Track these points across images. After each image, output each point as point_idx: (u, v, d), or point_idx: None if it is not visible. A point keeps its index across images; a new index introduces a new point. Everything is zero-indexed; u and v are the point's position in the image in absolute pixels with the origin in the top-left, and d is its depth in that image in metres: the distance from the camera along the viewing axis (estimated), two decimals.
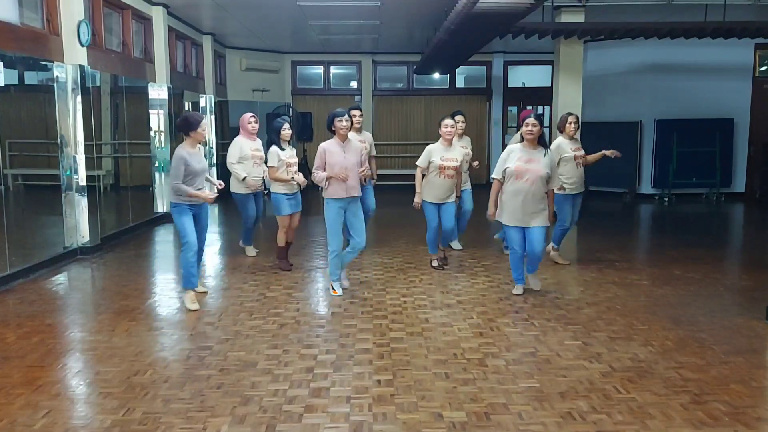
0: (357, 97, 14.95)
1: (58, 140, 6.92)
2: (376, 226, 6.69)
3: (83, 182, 7.12)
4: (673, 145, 12.01)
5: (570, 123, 6.28)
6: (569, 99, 9.94)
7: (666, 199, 12.14)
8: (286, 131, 6.16)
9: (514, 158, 5.25)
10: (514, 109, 15.24)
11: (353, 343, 4.32)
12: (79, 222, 7.16)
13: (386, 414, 3.27)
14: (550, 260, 6.63)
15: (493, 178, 5.43)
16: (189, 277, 5.16)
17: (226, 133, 13.58)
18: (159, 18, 9.58)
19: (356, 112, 6.62)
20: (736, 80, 12.22)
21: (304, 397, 3.46)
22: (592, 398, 3.44)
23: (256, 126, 6.74)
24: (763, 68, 12.46)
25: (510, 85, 15.09)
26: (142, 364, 3.95)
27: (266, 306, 5.21)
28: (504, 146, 14.80)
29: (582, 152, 6.38)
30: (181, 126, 5.14)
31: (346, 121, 5.30)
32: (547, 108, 14.01)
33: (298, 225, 6.53)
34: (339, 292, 5.53)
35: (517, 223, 5.30)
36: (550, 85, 12.98)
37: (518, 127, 6.02)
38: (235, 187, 6.76)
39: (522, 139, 5.39)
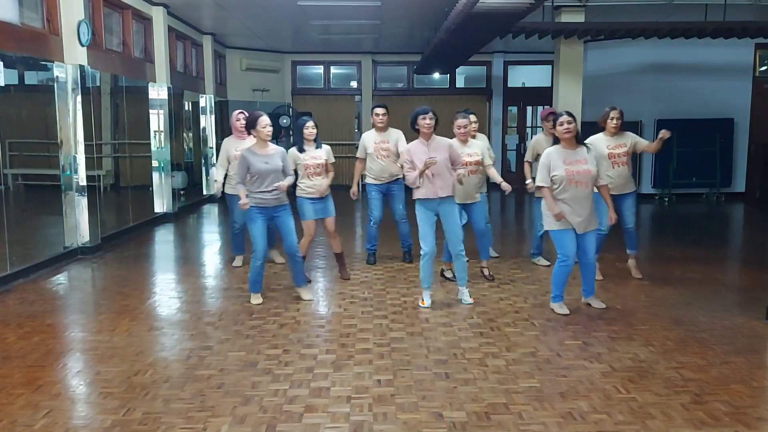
0: (357, 97, 14.97)
1: (58, 140, 6.92)
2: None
3: (83, 182, 7.12)
4: (673, 145, 11.99)
5: (612, 119, 5.69)
6: (569, 99, 9.93)
7: (666, 199, 12.14)
8: (308, 130, 5.72)
9: (559, 162, 4.76)
10: (514, 109, 15.25)
11: (353, 343, 4.32)
12: (79, 222, 7.16)
13: (386, 414, 3.27)
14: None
15: (539, 186, 4.90)
16: (253, 283, 5.30)
17: (227, 133, 13.53)
18: (159, 18, 9.58)
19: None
20: (736, 80, 12.22)
21: (305, 397, 3.46)
22: (593, 398, 3.43)
23: (245, 123, 6.18)
24: (763, 68, 12.46)
25: (510, 85, 15.08)
26: (143, 364, 3.95)
27: (266, 306, 5.20)
28: (504, 146, 14.94)
29: (622, 150, 5.76)
30: (247, 124, 5.34)
31: (430, 119, 4.99)
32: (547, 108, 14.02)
33: (334, 231, 5.97)
34: (427, 303, 5.11)
35: (577, 229, 4.80)
36: (550, 85, 12.97)
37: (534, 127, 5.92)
38: (227, 188, 6.37)
39: (556, 140, 4.93)
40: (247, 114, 6.09)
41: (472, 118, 6.20)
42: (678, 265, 6.68)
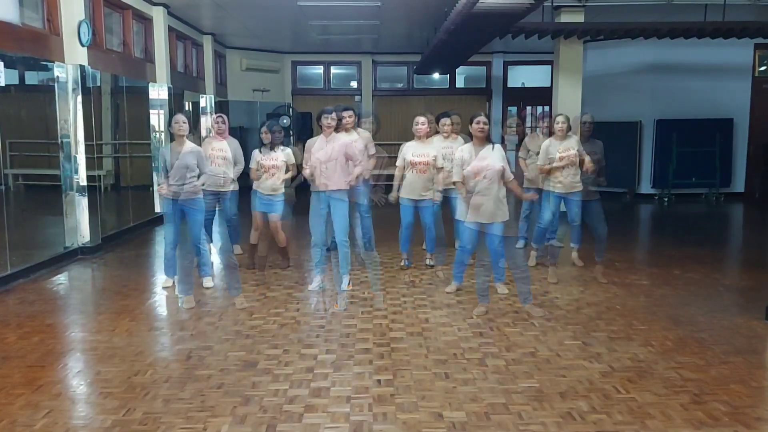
0: (357, 97, 14.97)
1: (59, 140, 6.93)
2: (375, 226, 6.68)
3: (83, 182, 7.12)
4: (673, 145, 12.01)
5: (558, 122, 5.99)
6: (569, 99, 9.93)
7: (666, 199, 12.13)
8: (263, 135, 6.10)
9: (470, 158, 4.99)
10: (514, 109, 15.26)
11: (353, 343, 4.33)
12: (79, 222, 7.16)
13: (386, 414, 3.27)
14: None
15: (454, 181, 5.23)
16: (166, 267, 5.81)
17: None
18: (159, 18, 9.58)
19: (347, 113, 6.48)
20: (736, 80, 12.22)
21: (305, 397, 3.46)
22: (592, 398, 3.44)
23: (223, 126, 6.54)
24: (763, 68, 12.46)
25: (510, 85, 15.10)
26: (143, 364, 3.96)
27: (266, 306, 5.21)
28: (504, 146, 14.92)
29: (570, 153, 5.88)
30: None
31: (332, 119, 5.33)
32: (547, 108, 14.03)
33: (279, 231, 6.15)
34: (314, 285, 5.72)
35: (485, 218, 4.97)
36: (549, 85, 12.97)
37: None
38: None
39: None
40: (225, 118, 6.70)
41: (455, 119, 6.68)
42: (677, 265, 6.68)
